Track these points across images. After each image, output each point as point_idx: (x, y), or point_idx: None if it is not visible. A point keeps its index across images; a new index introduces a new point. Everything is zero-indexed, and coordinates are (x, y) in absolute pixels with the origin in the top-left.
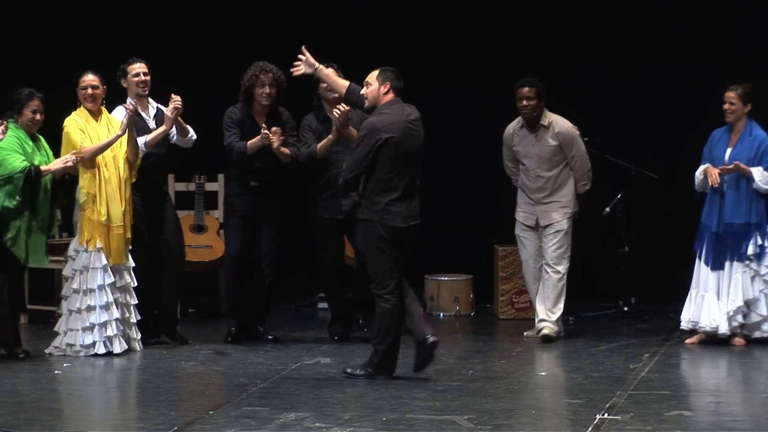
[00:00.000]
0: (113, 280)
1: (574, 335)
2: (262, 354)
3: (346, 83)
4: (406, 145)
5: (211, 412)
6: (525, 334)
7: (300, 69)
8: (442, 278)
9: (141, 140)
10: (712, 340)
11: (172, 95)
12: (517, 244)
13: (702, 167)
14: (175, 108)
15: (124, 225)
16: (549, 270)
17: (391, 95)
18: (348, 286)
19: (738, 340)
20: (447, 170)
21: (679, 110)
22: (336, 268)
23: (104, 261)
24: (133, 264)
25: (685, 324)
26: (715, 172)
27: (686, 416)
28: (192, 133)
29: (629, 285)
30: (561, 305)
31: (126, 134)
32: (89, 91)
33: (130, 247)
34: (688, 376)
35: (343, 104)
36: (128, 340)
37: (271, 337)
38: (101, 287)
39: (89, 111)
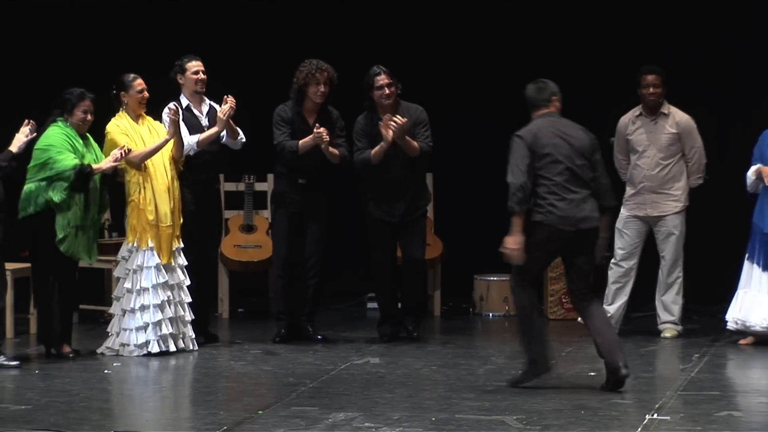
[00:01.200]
0: (166, 278)
1: (623, 335)
2: (311, 354)
3: None
4: None
5: (260, 412)
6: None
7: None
8: (492, 278)
9: (194, 139)
10: (764, 340)
11: (227, 96)
12: (615, 238)
13: (754, 167)
14: (230, 108)
15: (173, 224)
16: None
17: None
18: (398, 287)
19: (746, 339)
20: (496, 169)
21: (725, 109)
22: (388, 267)
23: (157, 260)
24: (185, 262)
25: (731, 324)
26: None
27: (736, 417)
28: (242, 136)
29: None
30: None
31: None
32: (145, 94)
33: (182, 245)
34: (738, 377)
35: (399, 116)
36: (183, 338)
37: (321, 337)
38: (155, 286)
39: (136, 115)
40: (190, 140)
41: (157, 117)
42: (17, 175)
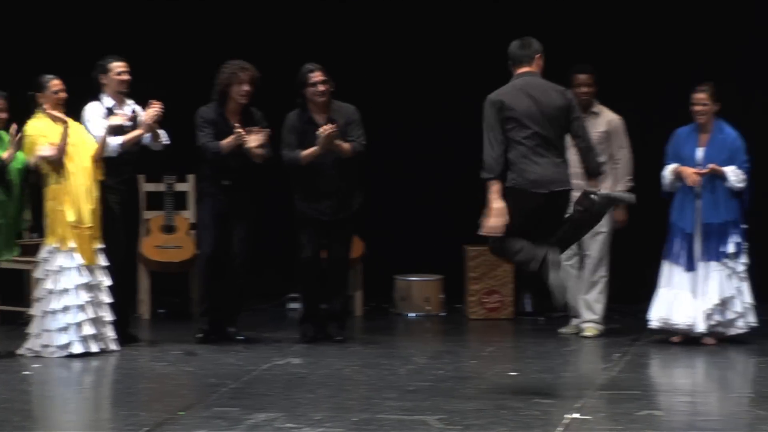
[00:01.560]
0: (88, 279)
1: (544, 335)
2: (233, 354)
3: None
4: None
5: (181, 413)
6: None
7: None
8: (412, 278)
9: (117, 140)
10: (689, 340)
11: (153, 101)
12: None
13: (670, 167)
14: (156, 114)
15: (94, 225)
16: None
17: None
18: (323, 288)
19: (708, 339)
20: (417, 170)
21: (640, 110)
22: (314, 264)
23: (79, 261)
24: (105, 263)
25: (655, 323)
26: (692, 173)
27: (657, 416)
28: (163, 139)
29: None
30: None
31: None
32: (61, 95)
33: (103, 246)
34: (659, 376)
35: (329, 124)
36: (104, 339)
37: (242, 338)
38: (77, 287)
39: (54, 116)
40: (113, 142)
41: (78, 117)
42: None
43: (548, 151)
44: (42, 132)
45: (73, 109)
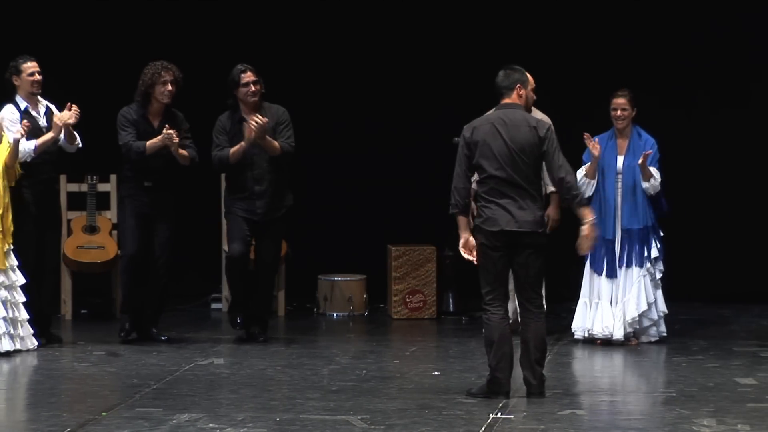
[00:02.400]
0: (1, 279)
1: (467, 335)
2: (155, 355)
3: None
4: None
5: (104, 414)
6: None
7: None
8: (336, 278)
9: (30, 144)
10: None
11: (71, 104)
12: None
13: (582, 171)
14: (72, 116)
15: (3, 230)
16: None
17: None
18: (249, 285)
19: (632, 340)
20: (340, 170)
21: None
22: (242, 259)
23: None
24: (16, 262)
25: (579, 333)
26: (593, 143)
27: (579, 415)
28: (78, 141)
29: None
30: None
31: (3, 140)
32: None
33: (11, 247)
34: (582, 376)
35: (259, 116)
36: (20, 338)
37: (165, 338)
38: None
39: None
40: (27, 146)
41: None
42: None
43: (511, 191)
44: None
45: None
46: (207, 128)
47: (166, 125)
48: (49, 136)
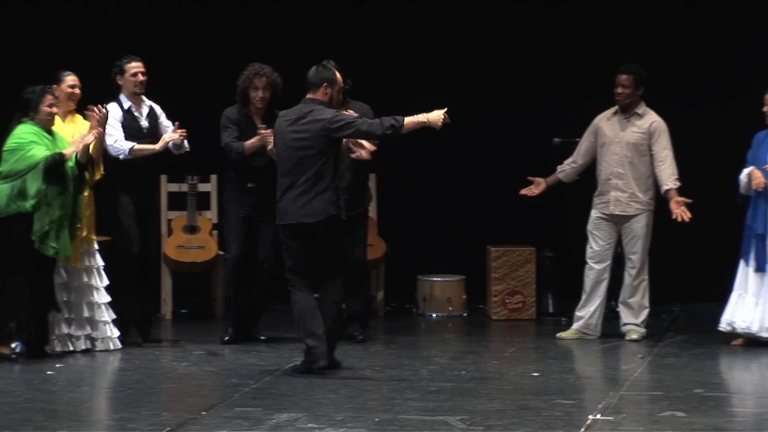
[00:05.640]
0: (64, 280)
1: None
2: (254, 355)
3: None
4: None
5: (203, 413)
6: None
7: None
8: (435, 279)
9: (128, 144)
10: (752, 342)
11: (178, 125)
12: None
13: (746, 170)
14: (179, 138)
15: (81, 225)
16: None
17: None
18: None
19: (737, 341)
20: (439, 171)
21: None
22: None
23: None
24: (101, 263)
25: (722, 326)
26: (760, 176)
27: (679, 417)
28: (186, 146)
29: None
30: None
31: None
32: (77, 91)
33: (97, 247)
34: (681, 377)
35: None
36: (100, 339)
37: (264, 338)
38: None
39: (64, 112)
40: (124, 145)
41: None
42: None
43: (294, 180)
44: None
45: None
46: None
47: (264, 125)
48: (150, 147)
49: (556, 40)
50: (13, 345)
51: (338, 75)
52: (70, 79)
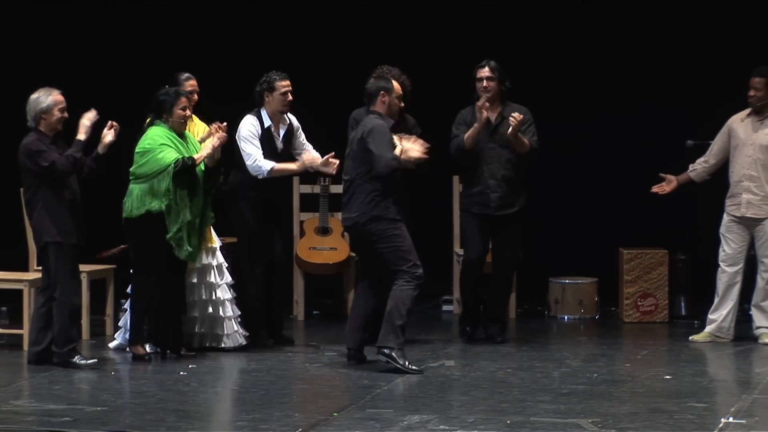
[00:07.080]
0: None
1: None
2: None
3: None
4: None
5: (335, 414)
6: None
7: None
8: (567, 281)
9: (268, 164)
10: None
11: (330, 158)
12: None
13: None
14: (332, 170)
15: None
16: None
17: None
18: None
19: None
20: (573, 172)
21: None
22: (479, 264)
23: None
24: (221, 261)
25: None
26: None
27: None
28: (333, 171)
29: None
30: None
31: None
32: (195, 96)
33: (218, 245)
34: None
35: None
36: (225, 336)
37: None
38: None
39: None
40: (264, 165)
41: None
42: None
43: (348, 189)
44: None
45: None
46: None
47: (400, 134)
48: (290, 168)
49: (694, 41)
50: (146, 346)
51: (395, 82)
52: (190, 84)
